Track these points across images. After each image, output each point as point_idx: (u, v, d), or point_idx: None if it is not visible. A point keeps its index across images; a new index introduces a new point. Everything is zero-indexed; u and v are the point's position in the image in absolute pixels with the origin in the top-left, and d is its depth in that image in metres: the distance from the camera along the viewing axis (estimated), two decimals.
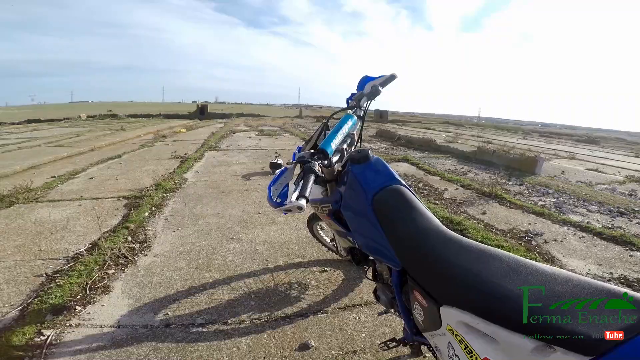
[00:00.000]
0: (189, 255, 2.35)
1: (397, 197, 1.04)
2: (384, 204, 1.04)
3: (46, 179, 4.31)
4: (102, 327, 1.65)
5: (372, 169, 1.13)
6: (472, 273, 0.76)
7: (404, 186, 1.08)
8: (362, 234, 1.12)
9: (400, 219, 0.99)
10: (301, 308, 1.79)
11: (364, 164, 1.14)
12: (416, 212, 0.99)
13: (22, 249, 2.42)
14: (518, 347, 0.65)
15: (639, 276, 2.26)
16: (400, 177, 1.12)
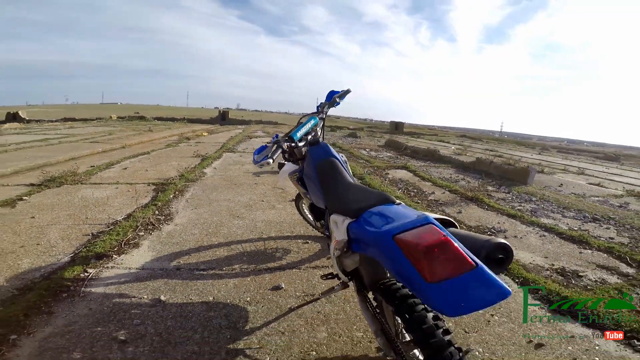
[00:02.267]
0: (202, 226, 2.95)
1: (330, 165, 1.63)
2: (322, 168, 1.63)
3: (87, 168, 5.06)
4: (130, 269, 2.23)
5: (320, 149, 1.73)
6: (344, 196, 1.37)
7: (336, 159, 1.67)
8: (311, 190, 1.70)
9: (329, 177, 1.57)
10: (281, 264, 2.33)
11: (315, 146, 1.75)
12: (338, 173, 1.57)
13: (73, 216, 3.08)
14: (339, 221, 1.26)
15: (576, 269, 2.59)
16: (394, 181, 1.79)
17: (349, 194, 1.39)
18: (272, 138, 1.80)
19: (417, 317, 1.01)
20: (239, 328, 1.69)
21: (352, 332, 1.70)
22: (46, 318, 1.68)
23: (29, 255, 2.32)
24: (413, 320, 1.01)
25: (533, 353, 1.62)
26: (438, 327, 0.98)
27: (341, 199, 1.39)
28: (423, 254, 0.88)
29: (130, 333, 1.61)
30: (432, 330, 0.97)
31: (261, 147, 1.69)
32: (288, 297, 1.97)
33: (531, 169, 5.75)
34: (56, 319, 1.69)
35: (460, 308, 0.82)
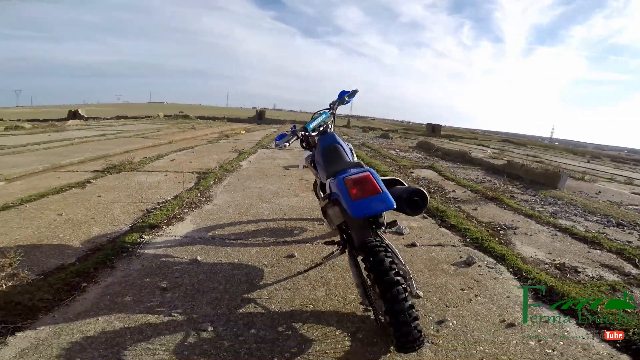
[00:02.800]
0: (235, 207, 3.47)
1: (333, 149, 2.02)
2: (327, 152, 2.01)
3: (140, 159, 5.82)
4: (175, 236, 2.73)
5: (327, 137, 2.12)
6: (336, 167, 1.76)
7: (340, 145, 2.04)
8: (320, 170, 2.11)
9: (332, 158, 1.95)
10: (296, 239, 2.74)
11: (324, 135, 2.15)
12: (339, 155, 1.95)
13: (131, 196, 3.70)
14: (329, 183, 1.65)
15: (576, 265, 2.66)
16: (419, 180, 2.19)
17: (339, 166, 1.80)
18: (291, 128, 2.19)
19: (377, 259, 1.35)
20: (254, 283, 2.09)
21: (346, 294, 2.03)
22: (109, 271, 2.18)
23: (98, 225, 2.91)
24: (374, 262, 1.36)
25: (502, 331, 1.79)
26: (391, 268, 1.31)
27: (334, 169, 1.79)
28: (352, 183, 1.41)
29: (170, 283, 2.07)
30: (386, 270, 1.31)
31: (282, 134, 2.12)
32: (298, 264, 2.35)
33: (562, 174, 5.63)
34: (116, 272, 2.17)
35: (363, 213, 1.41)
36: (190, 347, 1.54)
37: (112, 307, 1.80)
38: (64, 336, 1.57)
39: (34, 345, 1.50)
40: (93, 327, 1.63)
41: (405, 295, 1.32)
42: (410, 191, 1.48)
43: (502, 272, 2.46)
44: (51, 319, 1.68)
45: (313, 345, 1.60)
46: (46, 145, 6.93)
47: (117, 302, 1.85)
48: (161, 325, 1.68)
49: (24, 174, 4.50)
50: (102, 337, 1.58)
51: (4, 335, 1.55)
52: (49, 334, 1.58)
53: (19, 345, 1.50)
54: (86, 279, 2.05)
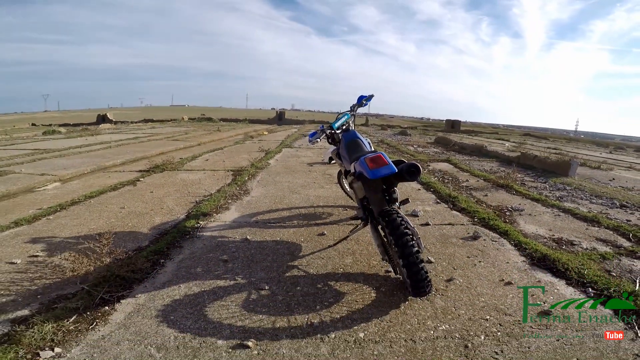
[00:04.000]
0: (270, 198, 4.00)
1: (354, 143, 2.52)
2: (349, 145, 2.52)
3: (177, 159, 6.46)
4: (225, 222, 3.27)
5: (349, 134, 2.63)
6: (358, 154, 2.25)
7: (360, 140, 2.55)
8: (344, 160, 2.60)
9: (354, 150, 2.44)
10: (325, 221, 3.25)
11: (346, 132, 2.67)
12: (359, 147, 2.45)
13: (179, 191, 4.29)
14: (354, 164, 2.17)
15: (573, 239, 2.99)
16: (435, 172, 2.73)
17: (360, 153, 2.32)
18: (320, 127, 2.69)
19: (395, 224, 1.83)
20: (295, 255, 2.60)
21: (370, 261, 2.50)
22: (179, 250, 2.69)
23: (158, 215, 3.47)
24: (392, 227, 1.84)
25: (501, 287, 2.20)
26: (402, 224, 1.80)
27: (356, 156, 2.30)
28: (369, 160, 1.96)
29: (229, 256, 2.59)
30: (403, 233, 1.79)
31: (313, 132, 2.66)
32: (329, 239, 2.85)
33: (572, 162, 5.86)
34: (184, 250, 2.69)
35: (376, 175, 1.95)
36: (253, 301, 2.01)
37: (188, 277, 2.27)
38: (158, 300, 1.96)
39: (136, 309, 1.88)
40: (177, 292, 2.07)
41: (413, 242, 1.81)
42: (409, 164, 2.03)
43: (504, 244, 2.87)
44: (144, 288, 2.09)
45: (346, 296, 2.08)
46: (87, 149, 7.65)
47: (191, 272, 2.33)
48: (229, 287, 2.16)
49: (76, 174, 5.14)
50: (186, 299, 1.99)
51: (112, 303, 1.93)
52: (146, 299, 1.97)
53: (125, 310, 1.88)
54: (162, 257, 2.54)
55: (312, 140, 2.58)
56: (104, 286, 2.05)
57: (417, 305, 1.97)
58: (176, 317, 1.84)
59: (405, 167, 2.03)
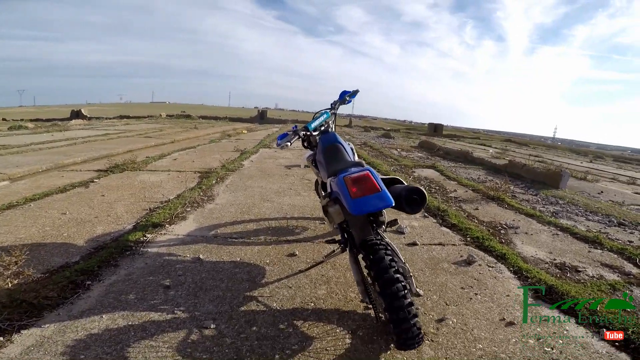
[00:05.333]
0: (237, 206, 3.49)
1: (334, 148, 2.03)
2: (328, 151, 2.03)
3: (143, 158, 5.86)
4: (178, 235, 2.75)
5: (328, 137, 2.14)
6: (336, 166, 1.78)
7: (340, 145, 2.06)
8: (320, 169, 2.13)
9: (333, 157, 1.97)
10: (298, 238, 2.76)
11: (325, 135, 2.17)
12: (340, 153, 1.97)
13: (134, 195, 3.73)
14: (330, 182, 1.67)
15: (577, 264, 2.66)
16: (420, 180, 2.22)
17: (340, 165, 1.83)
18: (292, 128, 2.21)
19: (377, 257, 1.37)
20: (256, 281, 2.12)
21: (347, 292, 2.05)
22: (113, 269, 2.20)
23: (102, 224, 2.93)
24: (374, 260, 1.38)
25: (502, 329, 1.80)
26: (391, 266, 1.33)
27: (334, 169, 1.82)
28: (352, 181, 1.43)
29: (173, 281, 2.09)
30: (385, 267, 1.32)
31: (283, 134, 2.11)
32: (300, 262, 2.37)
33: (563, 173, 5.62)
34: (120, 270, 2.19)
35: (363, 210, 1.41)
36: (192, 344, 1.56)
37: (116, 305, 1.82)
38: (69, 334, 1.58)
39: (39, 342, 1.52)
40: (97, 325, 1.65)
41: (405, 292, 1.33)
42: (409, 189, 1.50)
43: (502, 271, 2.48)
44: (56, 317, 1.70)
45: (314, 342, 1.62)
46: (49, 145, 7.00)
47: (121, 300, 1.88)
48: (164, 323, 1.70)
49: (28, 173, 4.55)
50: (106, 334, 1.60)
51: (10, 333, 1.56)
52: (54, 331, 1.60)
53: (25, 342, 1.52)
54: (90, 277, 2.07)
55: (281, 144, 2.02)
56: (3, 313, 1.66)
57: (400, 357, 1.54)
58: (87, 357, 1.43)
59: (404, 194, 1.51)
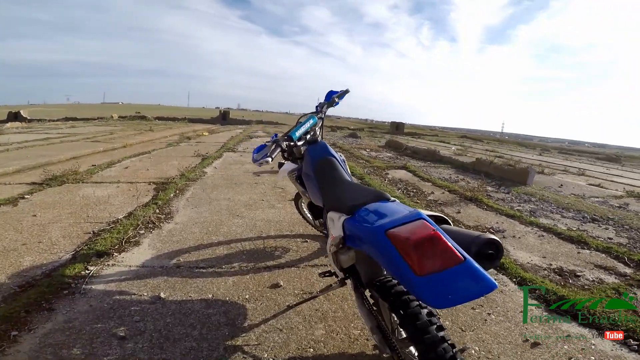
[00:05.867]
0: (202, 225, 2.97)
1: (328, 164, 1.65)
2: (320, 167, 1.65)
3: (88, 167, 5.09)
4: (130, 266, 2.24)
5: (318, 148, 1.75)
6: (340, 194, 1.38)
7: (334, 158, 1.69)
8: (310, 188, 1.72)
9: (327, 176, 1.59)
10: (279, 262, 2.35)
11: (314, 145, 1.78)
12: (336, 172, 1.59)
13: (74, 215, 3.10)
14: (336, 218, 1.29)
15: (574, 268, 2.60)
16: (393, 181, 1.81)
17: (346, 191, 1.43)
18: (271, 137, 1.81)
19: (411, 313, 1.02)
20: (237, 325, 1.70)
21: (349, 329, 1.71)
22: (47, 315, 1.70)
23: (30, 253, 2.34)
24: (407, 316, 1.03)
25: (529, 352, 1.62)
26: (432, 323, 1.00)
27: (338, 196, 1.41)
28: (413, 247, 0.89)
29: (129, 329, 1.63)
30: (425, 326, 0.99)
31: (260, 146, 1.71)
32: (286, 294, 1.99)
33: (530, 170, 5.75)
34: (57, 315, 1.70)
35: (448, 300, 0.84)
36: None
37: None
38: None
39: None
40: None
41: (454, 353, 1.00)
42: (483, 242, 1.05)
43: (506, 283, 2.29)
44: None
45: None
46: None
47: (63, 356, 1.43)
48: None
49: None
50: None
51: None
52: None
53: None
54: (16, 326, 1.58)
55: (259, 160, 1.62)
56: None
57: None
58: None
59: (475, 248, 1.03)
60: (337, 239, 1.24)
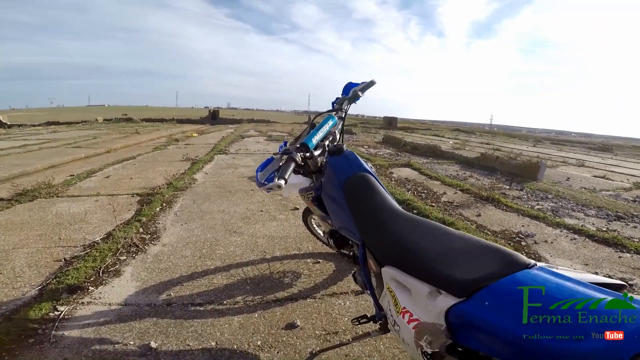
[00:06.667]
0: (194, 246, 2.55)
1: (362, 183, 1.23)
2: (351, 188, 1.22)
3: (66, 177, 4.59)
4: (110, 305, 1.83)
5: (345, 160, 1.32)
6: (404, 239, 0.94)
7: (370, 174, 1.26)
8: (336, 215, 1.30)
9: (363, 200, 1.17)
10: (292, 293, 1.95)
11: (338, 156, 1.33)
12: (377, 194, 1.16)
13: (44, 237, 2.65)
14: (420, 291, 0.82)
15: (624, 276, 2.33)
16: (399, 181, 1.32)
17: (424, 240, 0.92)
18: (280, 147, 1.40)
19: None
20: None
21: None
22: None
23: None
24: None
25: None
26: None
27: (406, 246, 0.93)
28: None
29: None
30: None
31: (266, 160, 1.22)
32: (306, 337, 1.60)
33: (541, 165, 5.48)
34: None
35: None
36: None
37: None
38: None
39: None
40: None
41: None
42: None
43: None
44: None
45: None
46: None
47: None
48: None
49: None
50: None
51: None
52: None
53: None
54: None
55: (269, 185, 1.05)
56: None
57: None
58: None
59: None
60: (433, 330, 0.78)
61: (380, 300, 1.08)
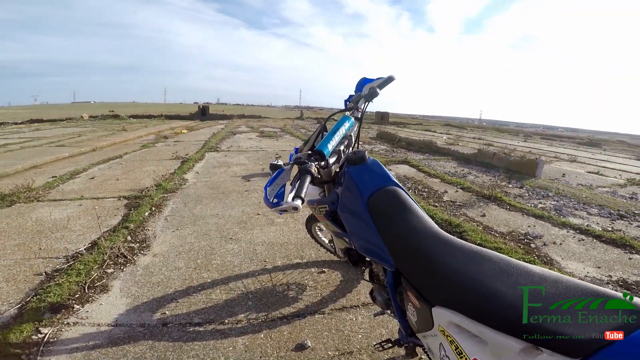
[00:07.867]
0: (188, 255, 2.36)
1: (392, 199, 1.05)
2: (379, 205, 1.05)
3: (47, 179, 4.33)
4: (100, 326, 1.66)
5: (368, 170, 1.13)
6: (463, 274, 0.77)
7: (399, 188, 1.09)
8: (358, 235, 1.12)
9: (395, 220, 0.99)
10: (298, 308, 1.80)
11: (360, 165, 1.15)
12: (411, 213, 0.99)
13: (22, 247, 2.44)
14: (506, 347, 0.65)
15: (637, 279, 2.26)
16: (397, 179, 1.13)
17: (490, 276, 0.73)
18: (290, 155, 1.23)
19: None
20: None
21: None
22: None
23: None
24: None
25: None
26: None
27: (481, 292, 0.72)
28: None
29: None
30: None
31: (276, 173, 1.01)
32: (319, 359, 1.46)
33: (539, 162, 5.43)
34: None
35: None
36: None
37: None
38: None
39: None
40: None
41: None
42: None
43: None
44: None
45: None
46: None
47: None
48: None
49: None
50: None
51: None
52: None
53: None
54: None
55: (282, 205, 0.85)
56: None
57: None
58: None
59: None
60: None
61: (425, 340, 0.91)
